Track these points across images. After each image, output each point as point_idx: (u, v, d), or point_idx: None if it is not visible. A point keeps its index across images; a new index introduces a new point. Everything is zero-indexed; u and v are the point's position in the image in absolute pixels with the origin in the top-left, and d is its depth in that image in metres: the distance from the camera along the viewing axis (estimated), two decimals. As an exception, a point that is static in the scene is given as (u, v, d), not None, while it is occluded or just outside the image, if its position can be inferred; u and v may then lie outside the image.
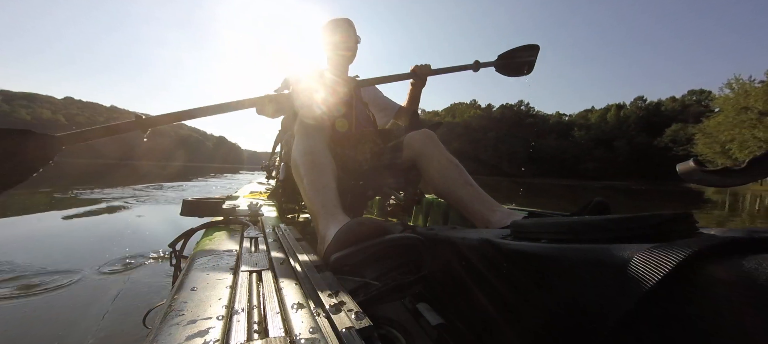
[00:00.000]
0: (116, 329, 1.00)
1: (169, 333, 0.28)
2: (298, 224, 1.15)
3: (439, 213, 1.40)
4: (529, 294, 0.43)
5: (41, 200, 3.57)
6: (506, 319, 0.47)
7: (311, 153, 0.82)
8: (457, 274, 0.57)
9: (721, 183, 0.33)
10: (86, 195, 4.08)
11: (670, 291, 0.28)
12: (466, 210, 0.90)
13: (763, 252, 0.27)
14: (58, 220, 2.59)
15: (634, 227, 0.36)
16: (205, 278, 0.41)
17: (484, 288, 0.51)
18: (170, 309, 0.33)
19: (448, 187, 0.94)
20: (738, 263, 0.26)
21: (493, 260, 0.48)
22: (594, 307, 0.34)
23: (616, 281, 0.31)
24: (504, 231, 0.55)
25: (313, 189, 0.76)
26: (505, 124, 70.32)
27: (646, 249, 0.30)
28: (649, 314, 0.29)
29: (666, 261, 0.27)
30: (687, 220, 0.35)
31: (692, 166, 0.34)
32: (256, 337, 0.29)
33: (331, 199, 0.73)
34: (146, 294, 1.24)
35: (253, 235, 0.64)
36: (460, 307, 0.57)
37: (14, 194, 3.93)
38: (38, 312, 1.08)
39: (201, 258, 0.50)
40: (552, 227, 0.43)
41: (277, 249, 0.56)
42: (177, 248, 0.78)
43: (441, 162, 0.97)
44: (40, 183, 5.29)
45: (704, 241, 0.28)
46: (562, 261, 0.38)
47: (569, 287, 0.37)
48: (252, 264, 0.46)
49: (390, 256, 0.50)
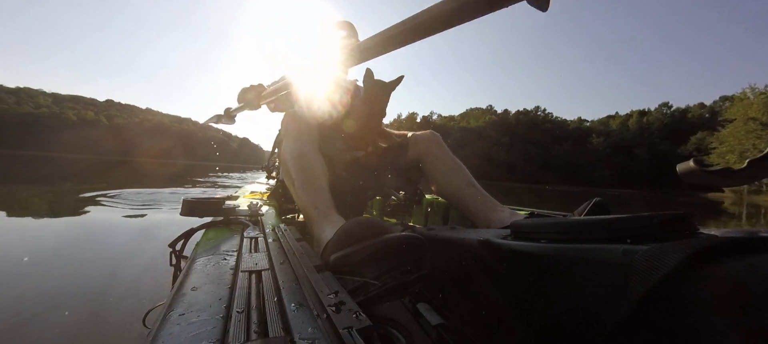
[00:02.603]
0: (116, 329, 1.00)
1: (169, 333, 0.28)
2: (298, 224, 1.15)
3: (439, 214, 1.40)
4: (529, 294, 0.43)
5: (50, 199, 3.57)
6: (506, 319, 0.47)
7: (301, 155, 0.83)
8: (457, 274, 0.57)
9: (722, 183, 0.33)
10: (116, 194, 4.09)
11: (670, 291, 0.28)
12: (468, 210, 0.91)
13: (763, 252, 0.27)
14: (58, 220, 2.60)
15: (634, 227, 0.36)
16: (204, 278, 0.41)
17: (484, 288, 0.51)
18: (170, 309, 0.33)
19: (452, 187, 0.96)
20: (738, 263, 0.26)
21: (493, 260, 0.48)
22: (594, 307, 0.34)
23: (616, 281, 0.31)
24: (504, 231, 0.55)
25: (305, 192, 0.76)
26: (521, 129, 69.94)
27: (646, 250, 0.30)
28: (649, 314, 0.29)
29: (666, 262, 0.27)
30: (686, 220, 0.35)
31: (692, 166, 0.34)
32: (255, 337, 0.29)
33: (323, 201, 0.73)
34: (146, 294, 1.24)
35: (253, 235, 0.64)
36: (460, 307, 0.57)
37: (15, 194, 3.94)
38: (37, 311, 1.08)
39: (201, 258, 0.50)
40: (552, 227, 0.43)
41: (277, 249, 0.56)
42: (177, 248, 0.78)
43: (445, 162, 0.99)
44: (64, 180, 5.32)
45: (704, 241, 0.28)
46: (562, 261, 0.38)
47: (569, 287, 0.37)
48: (252, 264, 0.46)
49: (390, 256, 0.50)
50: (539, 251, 0.42)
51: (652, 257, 0.29)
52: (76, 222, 2.55)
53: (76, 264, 1.53)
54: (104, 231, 2.31)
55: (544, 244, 0.42)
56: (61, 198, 3.78)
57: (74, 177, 6.99)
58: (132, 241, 2.01)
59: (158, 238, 2.09)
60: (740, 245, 0.28)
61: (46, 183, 5.46)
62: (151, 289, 1.29)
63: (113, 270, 1.48)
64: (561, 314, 0.38)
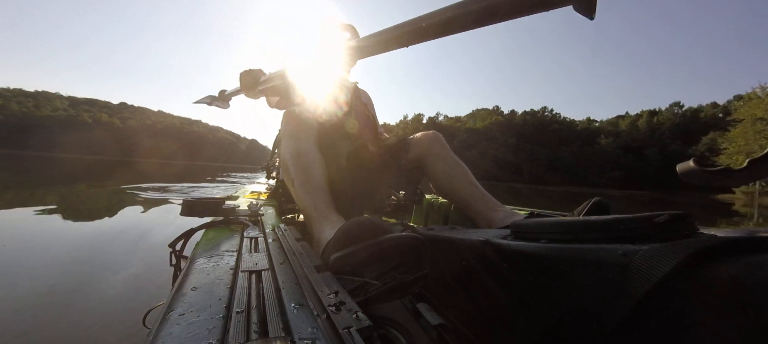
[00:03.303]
0: (116, 329, 1.00)
1: (169, 333, 0.28)
2: (298, 224, 1.15)
3: (439, 214, 1.40)
4: (529, 294, 0.43)
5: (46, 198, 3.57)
6: (506, 319, 0.47)
7: (300, 154, 0.82)
8: (457, 274, 0.57)
9: (722, 183, 0.33)
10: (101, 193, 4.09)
11: (670, 291, 0.28)
12: (469, 210, 0.92)
13: (763, 252, 0.27)
14: (57, 219, 2.59)
15: (634, 227, 0.36)
16: (204, 278, 0.41)
17: (484, 288, 0.51)
18: (170, 309, 0.33)
19: (453, 187, 0.97)
20: (738, 263, 0.26)
21: (493, 260, 0.48)
22: (594, 307, 0.34)
23: (616, 281, 0.31)
24: (504, 231, 0.55)
25: (304, 191, 0.76)
26: (528, 130, 69.44)
27: (646, 250, 0.30)
28: (650, 314, 0.29)
29: (666, 261, 0.27)
30: (687, 220, 0.35)
31: (692, 166, 0.34)
32: (255, 337, 0.29)
33: (322, 201, 0.73)
34: (146, 294, 1.24)
35: (253, 235, 0.64)
36: (460, 307, 0.57)
37: (17, 192, 3.93)
38: (37, 311, 1.08)
39: (201, 258, 0.50)
40: (552, 227, 0.43)
41: (277, 249, 0.56)
42: (177, 248, 0.78)
43: (447, 162, 0.99)
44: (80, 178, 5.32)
45: (704, 241, 0.28)
46: (562, 261, 0.38)
47: (569, 287, 0.37)
48: (252, 264, 0.46)
49: (390, 256, 0.50)
50: (539, 251, 0.42)
51: (652, 257, 0.29)
52: (75, 222, 2.55)
53: (76, 263, 1.53)
54: (104, 230, 2.31)
55: (544, 244, 0.42)
56: (61, 198, 3.78)
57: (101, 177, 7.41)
58: (132, 241, 2.01)
59: (158, 238, 2.09)
60: (740, 245, 0.28)
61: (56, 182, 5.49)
62: (151, 289, 1.29)
63: (113, 270, 1.48)
64: (561, 314, 0.38)
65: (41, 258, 1.58)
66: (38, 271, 1.41)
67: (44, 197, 3.78)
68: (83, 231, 2.31)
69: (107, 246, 1.85)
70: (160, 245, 1.82)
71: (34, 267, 1.45)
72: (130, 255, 1.68)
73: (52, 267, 1.46)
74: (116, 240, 2.01)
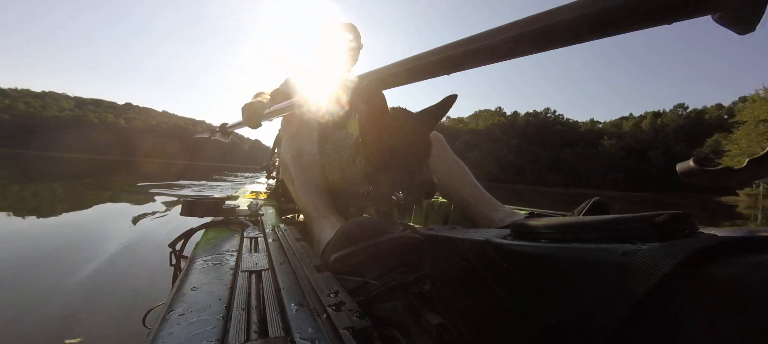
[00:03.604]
0: (116, 329, 1.00)
1: (169, 333, 0.28)
2: (298, 224, 1.15)
3: (439, 214, 1.40)
4: (529, 294, 0.43)
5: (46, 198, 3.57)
6: (506, 319, 0.47)
7: (300, 154, 0.82)
8: (457, 274, 0.57)
9: (722, 182, 0.33)
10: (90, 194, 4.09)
11: (670, 291, 0.28)
12: (470, 209, 0.92)
13: (763, 252, 0.27)
14: (57, 219, 2.60)
15: (634, 227, 0.36)
16: (204, 278, 0.41)
17: (484, 288, 0.51)
18: (170, 309, 0.33)
19: (453, 187, 0.97)
20: (738, 263, 0.26)
21: (493, 260, 0.48)
22: (594, 307, 0.34)
23: (616, 281, 0.31)
24: (504, 231, 0.55)
25: (304, 191, 0.76)
26: (531, 131, 69.16)
27: (645, 249, 0.30)
28: (649, 314, 0.29)
29: (666, 261, 0.27)
30: (686, 220, 0.35)
31: (692, 166, 0.34)
32: (255, 337, 0.29)
33: (322, 201, 0.73)
34: (146, 294, 1.24)
35: (253, 235, 0.64)
36: (460, 307, 0.57)
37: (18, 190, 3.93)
38: (37, 311, 1.08)
39: (201, 258, 0.50)
40: (551, 227, 0.43)
41: (277, 249, 0.56)
42: (177, 248, 0.78)
43: (447, 162, 0.99)
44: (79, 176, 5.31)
45: (704, 241, 0.28)
46: (562, 261, 0.38)
47: (569, 287, 0.37)
48: (252, 264, 0.46)
49: (390, 256, 0.50)
50: (539, 251, 0.41)
51: (651, 257, 0.29)
52: (76, 222, 2.55)
53: (77, 263, 1.53)
54: (104, 230, 2.32)
55: (543, 244, 0.42)
56: (61, 198, 3.78)
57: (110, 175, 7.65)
58: (132, 241, 2.01)
59: (158, 238, 2.09)
60: (740, 245, 0.28)
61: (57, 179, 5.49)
62: (151, 289, 1.29)
63: (113, 270, 1.48)
64: (561, 314, 0.38)
65: (41, 258, 1.58)
66: (38, 271, 1.41)
67: (44, 197, 3.78)
68: (83, 231, 2.31)
69: (107, 246, 1.86)
70: (160, 245, 1.82)
71: (34, 267, 1.45)
72: (130, 255, 1.68)
73: (52, 267, 1.46)
74: (116, 240, 2.01)
